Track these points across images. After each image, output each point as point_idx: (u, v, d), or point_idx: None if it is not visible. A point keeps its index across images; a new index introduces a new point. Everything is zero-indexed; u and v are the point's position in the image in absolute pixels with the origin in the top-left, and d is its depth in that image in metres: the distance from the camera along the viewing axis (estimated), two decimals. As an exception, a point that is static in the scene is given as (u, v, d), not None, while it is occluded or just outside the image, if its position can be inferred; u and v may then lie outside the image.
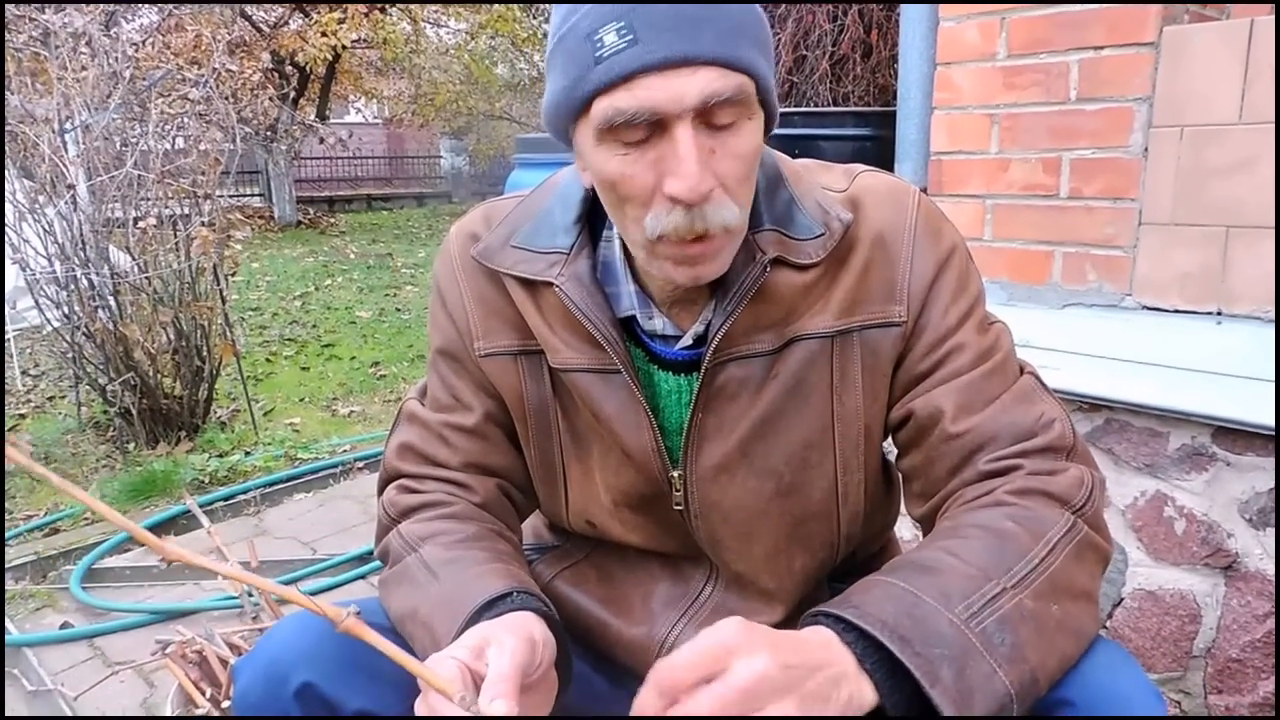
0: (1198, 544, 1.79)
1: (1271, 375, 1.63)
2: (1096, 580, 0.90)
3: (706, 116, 0.83)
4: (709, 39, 0.81)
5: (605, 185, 0.89)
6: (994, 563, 0.83)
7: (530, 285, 1.01)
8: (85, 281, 3.59)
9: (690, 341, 1.00)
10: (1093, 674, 0.83)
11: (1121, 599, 1.91)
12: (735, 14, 0.83)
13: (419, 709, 0.81)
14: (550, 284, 0.98)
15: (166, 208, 3.83)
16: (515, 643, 0.82)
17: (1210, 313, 1.77)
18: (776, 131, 0.94)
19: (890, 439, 1.05)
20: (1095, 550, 0.90)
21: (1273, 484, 1.69)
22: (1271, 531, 1.70)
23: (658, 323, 1.00)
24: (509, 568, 0.97)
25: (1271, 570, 1.71)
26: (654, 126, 0.83)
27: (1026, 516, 0.88)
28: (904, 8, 2.25)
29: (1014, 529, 0.86)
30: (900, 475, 1.07)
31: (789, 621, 1.07)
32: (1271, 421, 1.63)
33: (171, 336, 3.78)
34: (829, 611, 0.81)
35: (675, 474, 1.02)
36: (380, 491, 1.14)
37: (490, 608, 0.89)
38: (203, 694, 1.53)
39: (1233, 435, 1.73)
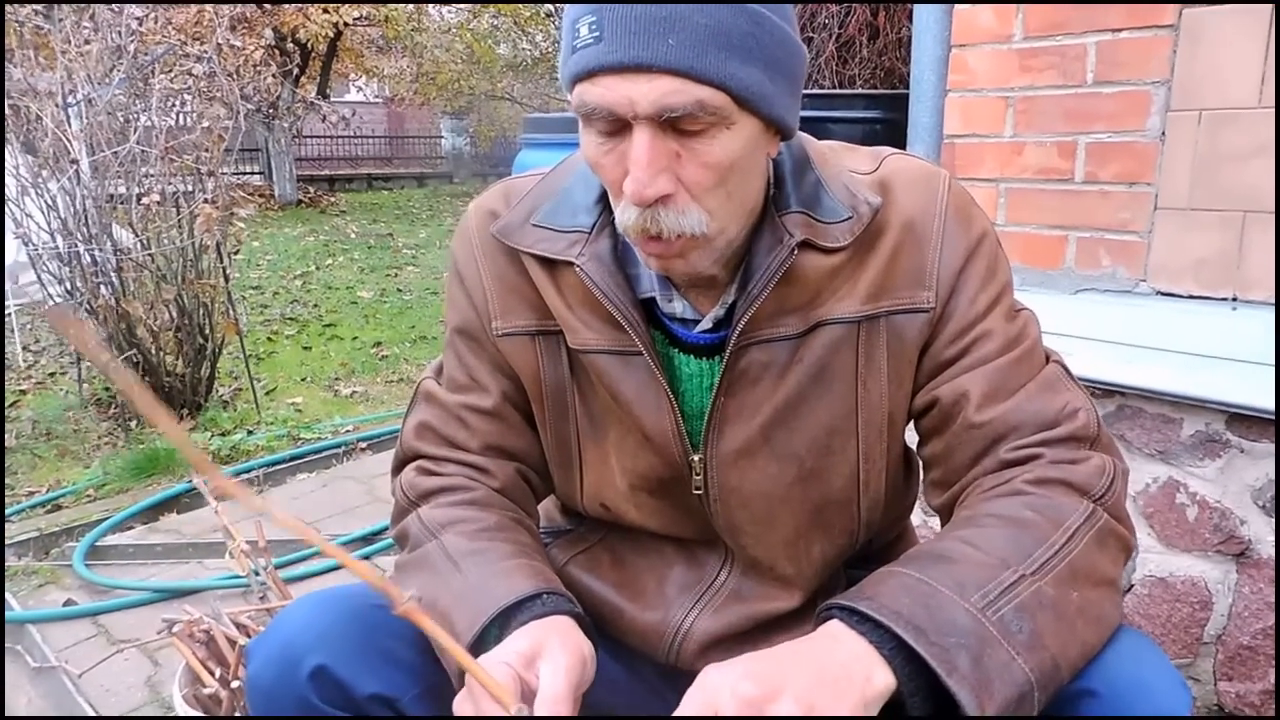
0: (1210, 531, 1.78)
1: (1286, 363, 1.62)
2: (1119, 568, 0.89)
3: (672, 121, 0.82)
4: (671, 47, 0.78)
5: (588, 165, 0.91)
6: (1012, 551, 0.82)
7: (550, 264, 1.00)
8: (88, 257, 3.57)
9: (709, 325, 0.98)
10: (1117, 664, 0.83)
11: (1131, 585, 1.90)
12: (713, 19, 0.79)
13: (462, 706, 0.80)
14: (571, 264, 0.96)
15: (169, 184, 3.81)
16: (570, 661, 0.82)
17: (1225, 299, 1.76)
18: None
19: (913, 426, 1.04)
20: (1117, 538, 0.89)
21: (1284, 471, 1.68)
22: (1281, 519, 1.70)
23: (677, 305, 0.99)
24: (534, 564, 0.96)
25: (1281, 558, 1.71)
26: (618, 121, 0.83)
27: (1045, 505, 0.87)
28: (919, -12, 2.22)
29: (1033, 517, 0.85)
30: (921, 462, 1.06)
31: (806, 608, 1.06)
32: (1285, 409, 1.62)
33: (174, 314, 3.77)
34: (843, 604, 0.81)
35: (695, 458, 1.00)
36: (396, 471, 1.13)
37: (519, 609, 0.89)
38: (211, 674, 1.53)
39: (1246, 422, 1.72)
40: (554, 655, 0.82)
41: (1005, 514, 0.87)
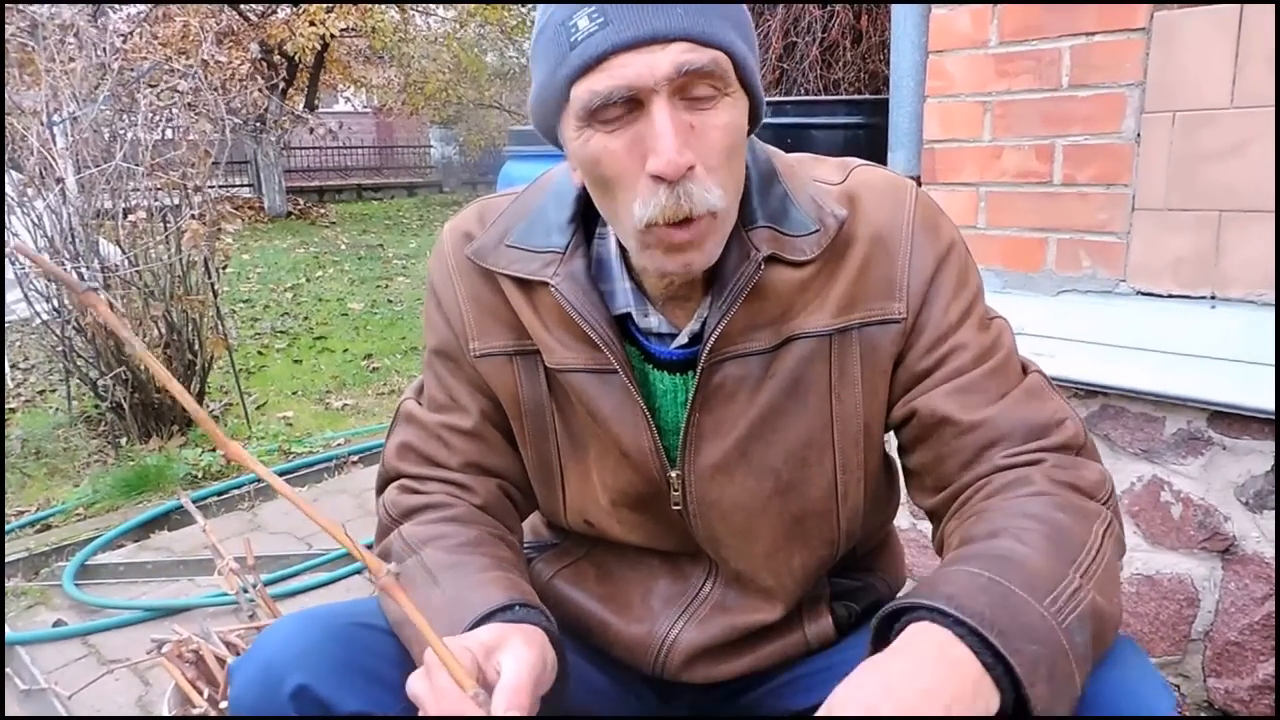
0: (1195, 528, 1.79)
1: (1266, 358, 1.63)
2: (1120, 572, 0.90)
3: (683, 91, 0.83)
4: (678, 14, 0.82)
5: (591, 170, 0.89)
6: (1061, 553, 0.81)
7: (525, 285, 1.00)
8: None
9: (685, 340, 0.99)
10: (1102, 668, 0.83)
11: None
12: None
13: (416, 682, 0.79)
14: (546, 284, 0.97)
15: (156, 200, 3.80)
16: (531, 656, 0.81)
17: (1204, 297, 1.77)
18: (768, 121, 0.93)
19: (894, 436, 1.05)
20: (1120, 543, 0.91)
21: (1269, 466, 1.69)
22: (1268, 514, 1.71)
23: (653, 321, 1.00)
24: (510, 577, 0.96)
25: (1269, 553, 1.72)
26: (632, 104, 0.83)
27: (1072, 506, 0.87)
28: (896, -6, 2.24)
29: (1066, 520, 0.85)
30: (903, 470, 1.07)
31: (789, 618, 1.08)
32: (1266, 404, 1.63)
33: (163, 330, 3.76)
34: (928, 605, 0.76)
35: (673, 474, 1.01)
36: (380, 491, 1.13)
37: (490, 619, 0.88)
38: (200, 694, 1.53)
39: (1228, 419, 1.73)
40: (515, 648, 0.81)
41: (1040, 515, 0.85)
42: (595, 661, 1.12)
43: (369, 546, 2.81)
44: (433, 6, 16.25)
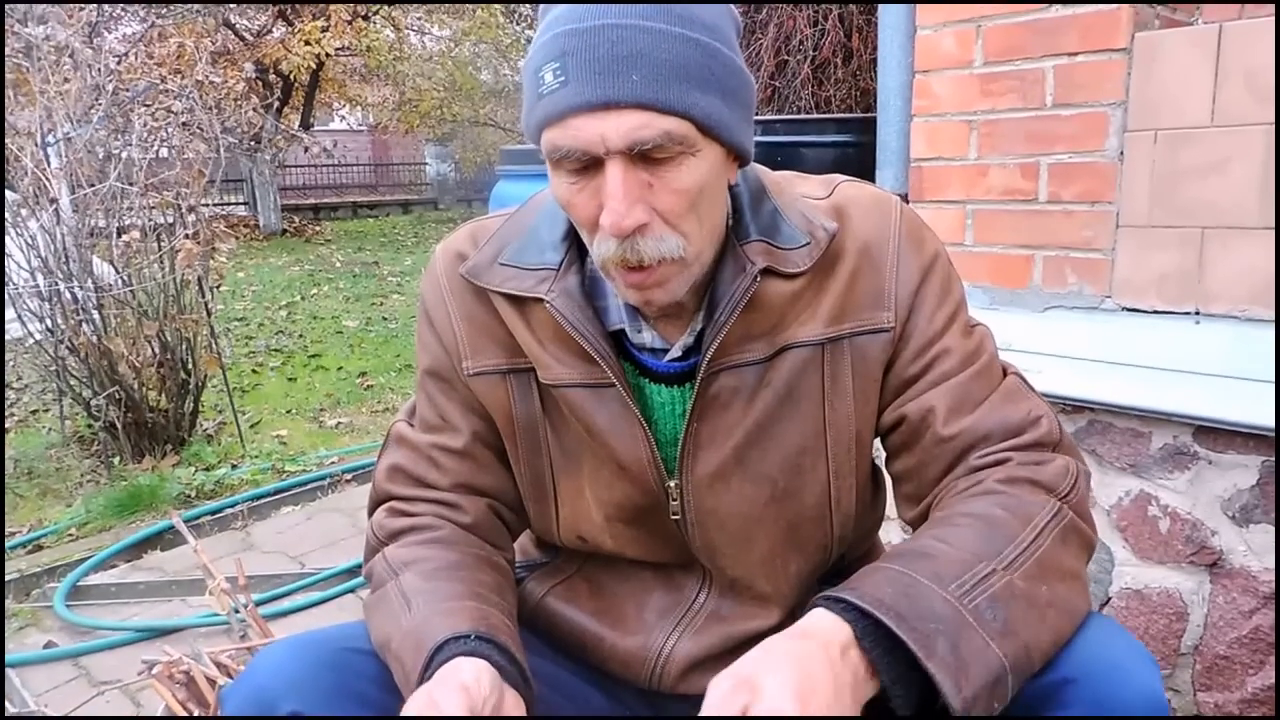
0: (1182, 542, 1.80)
1: (1250, 373, 1.65)
2: (1082, 562, 0.93)
3: (643, 152, 0.85)
4: (635, 82, 0.82)
5: (561, 205, 0.93)
6: (984, 547, 0.86)
7: (520, 302, 1.02)
8: (69, 295, 3.57)
9: (679, 353, 1.01)
10: (1087, 649, 0.86)
11: (1108, 598, 1.92)
12: (673, 53, 0.83)
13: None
14: (541, 300, 0.99)
15: (150, 219, 3.81)
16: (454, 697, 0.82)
17: (1188, 313, 1.79)
18: (758, 139, 0.95)
19: (880, 442, 1.08)
20: (1080, 535, 0.93)
21: (1254, 480, 1.70)
22: (1254, 528, 1.72)
23: (646, 336, 1.02)
24: (480, 606, 0.97)
25: (1255, 566, 1.72)
26: (590, 159, 0.86)
27: (1014, 504, 0.91)
28: (881, 16, 2.26)
29: (1003, 515, 0.89)
30: (890, 478, 1.09)
31: (785, 624, 1.07)
32: (1251, 419, 1.64)
33: (156, 349, 3.76)
34: (828, 595, 0.84)
35: (672, 484, 1.03)
36: (370, 513, 1.14)
37: (445, 648, 0.89)
38: (190, 715, 1.53)
39: (1213, 434, 1.74)
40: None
41: (978, 512, 0.90)
42: (590, 678, 1.13)
43: (359, 566, 2.82)
44: (427, 25, 16.32)
